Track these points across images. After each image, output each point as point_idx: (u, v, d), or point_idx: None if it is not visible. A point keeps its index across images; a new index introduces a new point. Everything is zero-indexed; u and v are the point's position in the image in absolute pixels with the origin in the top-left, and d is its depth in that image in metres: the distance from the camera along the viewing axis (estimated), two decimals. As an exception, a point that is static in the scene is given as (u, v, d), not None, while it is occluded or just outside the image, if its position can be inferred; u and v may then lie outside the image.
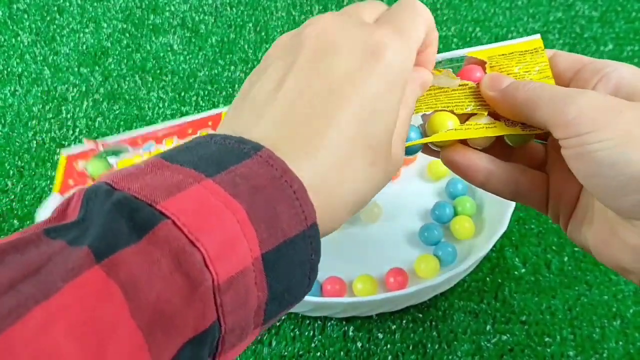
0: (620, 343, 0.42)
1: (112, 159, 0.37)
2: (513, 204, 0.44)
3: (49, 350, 0.17)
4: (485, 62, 0.33)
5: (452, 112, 0.31)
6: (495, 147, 0.32)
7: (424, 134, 0.32)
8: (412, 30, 0.27)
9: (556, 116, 0.26)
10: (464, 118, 0.32)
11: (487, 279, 0.46)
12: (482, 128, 0.30)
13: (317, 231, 0.23)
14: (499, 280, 0.45)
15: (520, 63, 0.32)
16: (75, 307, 0.17)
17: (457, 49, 0.63)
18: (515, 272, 0.46)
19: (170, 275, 0.19)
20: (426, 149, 0.33)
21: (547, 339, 0.42)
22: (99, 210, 0.20)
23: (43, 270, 0.18)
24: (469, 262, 0.41)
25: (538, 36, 0.33)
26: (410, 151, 0.32)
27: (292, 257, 0.22)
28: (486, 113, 0.31)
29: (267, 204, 0.21)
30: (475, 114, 0.31)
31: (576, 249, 0.47)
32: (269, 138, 0.23)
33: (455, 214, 0.48)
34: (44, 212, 0.36)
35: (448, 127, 0.31)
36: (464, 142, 0.32)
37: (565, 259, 0.46)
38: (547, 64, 0.32)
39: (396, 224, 0.48)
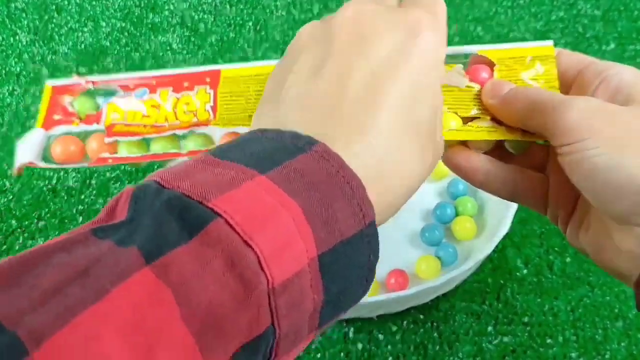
0: (623, 344, 0.42)
1: (100, 99, 0.34)
2: (515, 204, 0.44)
3: (98, 356, 0.16)
4: (494, 64, 0.32)
5: (455, 113, 0.31)
6: (496, 150, 0.32)
7: None
8: (440, 13, 0.26)
9: (552, 123, 0.26)
10: (466, 120, 0.31)
11: (489, 279, 0.45)
12: (483, 131, 0.30)
13: (375, 230, 0.22)
14: (501, 281, 0.45)
15: (529, 69, 0.32)
16: (125, 311, 0.17)
17: (458, 48, 0.62)
18: (518, 273, 0.45)
19: (223, 276, 0.18)
20: None
21: (549, 340, 0.42)
22: (148, 210, 0.19)
23: (91, 272, 0.17)
24: (470, 263, 0.41)
25: (550, 43, 0.33)
26: None
27: (349, 258, 0.21)
28: (489, 117, 0.31)
29: (324, 202, 0.20)
30: (479, 117, 0.31)
31: (579, 249, 0.47)
32: (316, 130, 0.22)
33: (457, 214, 0.47)
34: (24, 146, 0.33)
35: (450, 127, 0.31)
36: (464, 144, 0.32)
37: (568, 260, 0.46)
38: (556, 74, 0.31)
39: (397, 225, 0.48)
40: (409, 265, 0.44)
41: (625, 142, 0.25)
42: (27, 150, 0.31)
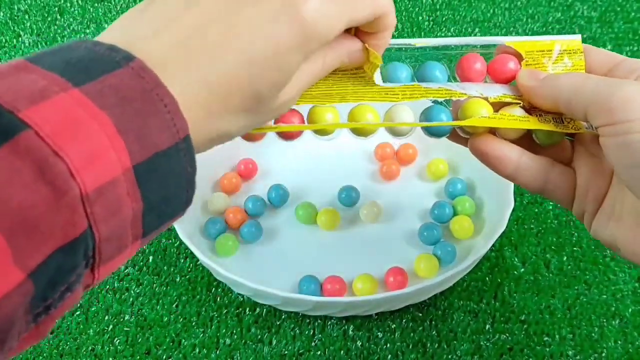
0: (619, 342, 0.42)
1: None
2: (512, 203, 0.44)
3: None
4: (521, 56, 0.32)
5: (486, 99, 0.31)
6: (523, 141, 0.32)
7: (454, 119, 0.32)
8: (355, 1, 0.26)
9: (600, 102, 0.26)
10: (497, 107, 0.31)
11: (487, 278, 0.46)
12: (516, 120, 0.30)
13: (190, 144, 0.22)
14: (498, 280, 0.46)
15: (557, 63, 0.32)
16: None
17: (456, 49, 0.63)
18: (515, 272, 0.46)
19: (33, 183, 0.18)
20: (453, 135, 0.33)
21: (546, 339, 0.43)
22: None
23: None
24: (468, 262, 0.41)
25: (579, 37, 0.33)
26: (438, 132, 0.32)
27: (165, 169, 0.22)
28: (520, 105, 0.31)
29: (137, 117, 0.21)
30: (510, 104, 0.31)
31: (575, 248, 0.47)
32: (156, 54, 0.23)
33: (455, 213, 0.48)
34: None
35: (481, 114, 0.31)
36: (492, 133, 0.32)
37: (565, 258, 0.46)
38: (584, 68, 0.32)
39: (396, 224, 0.48)
40: (407, 264, 0.45)
41: None
42: None
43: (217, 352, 0.42)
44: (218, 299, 0.45)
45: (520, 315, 0.44)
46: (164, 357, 0.42)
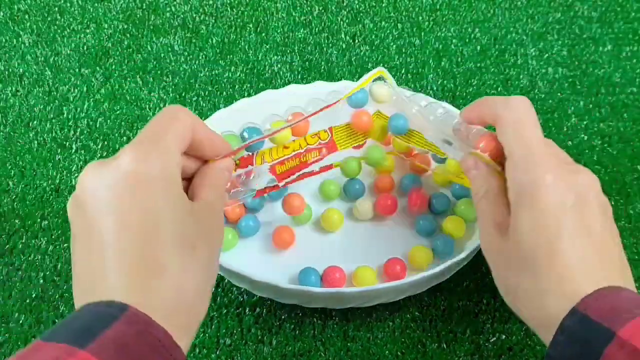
0: (619, 342, 0.42)
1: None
2: None
3: None
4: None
5: None
6: None
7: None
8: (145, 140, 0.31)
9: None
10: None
11: (487, 278, 0.46)
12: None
13: None
14: (498, 280, 0.46)
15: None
16: None
17: (456, 49, 0.63)
18: (515, 272, 0.46)
19: None
20: None
21: (546, 338, 0.43)
22: None
23: None
24: (464, 254, 0.42)
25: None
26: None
27: None
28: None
29: (138, 358, 0.25)
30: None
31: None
32: (124, 293, 0.27)
33: (452, 212, 0.48)
34: None
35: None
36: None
37: (564, 258, 0.46)
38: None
39: (393, 216, 0.48)
40: (404, 256, 0.45)
41: None
42: None
43: (217, 352, 0.42)
44: (218, 299, 0.45)
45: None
46: (164, 357, 0.42)
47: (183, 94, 0.59)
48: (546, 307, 0.31)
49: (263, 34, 0.65)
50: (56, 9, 0.67)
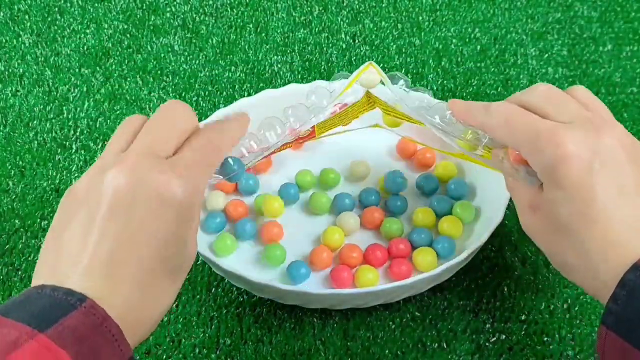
0: (619, 342, 0.42)
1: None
2: (507, 194, 0.44)
3: None
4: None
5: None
6: None
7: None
8: (193, 166, 0.32)
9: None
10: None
11: (487, 278, 0.46)
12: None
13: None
14: (498, 280, 0.46)
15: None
16: None
17: (456, 49, 0.63)
18: (515, 272, 0.46)
19: None
20: None
21: (546, 338, 0.43)
22: None
23: None
24: (464, 254, 0.42)
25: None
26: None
27: None
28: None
29: (92, 351, 0.27)
30: None
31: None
32: (85, 284, 0.29)
33: (450, 212, 0.48)
34: None
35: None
36: None
37: (564, 258, 0.46)
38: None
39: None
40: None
41: None
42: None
43: (217, 352, 0.42)
44: (218, 299, 0.45)
45: (520, 315, 0.44)
46: (164, 357, 0.42)
47: (183, 94, 0.59)
48: (600, 275, 0.32)
49: (263, 34, 0.65)
50: (56, 9, 0.67)
